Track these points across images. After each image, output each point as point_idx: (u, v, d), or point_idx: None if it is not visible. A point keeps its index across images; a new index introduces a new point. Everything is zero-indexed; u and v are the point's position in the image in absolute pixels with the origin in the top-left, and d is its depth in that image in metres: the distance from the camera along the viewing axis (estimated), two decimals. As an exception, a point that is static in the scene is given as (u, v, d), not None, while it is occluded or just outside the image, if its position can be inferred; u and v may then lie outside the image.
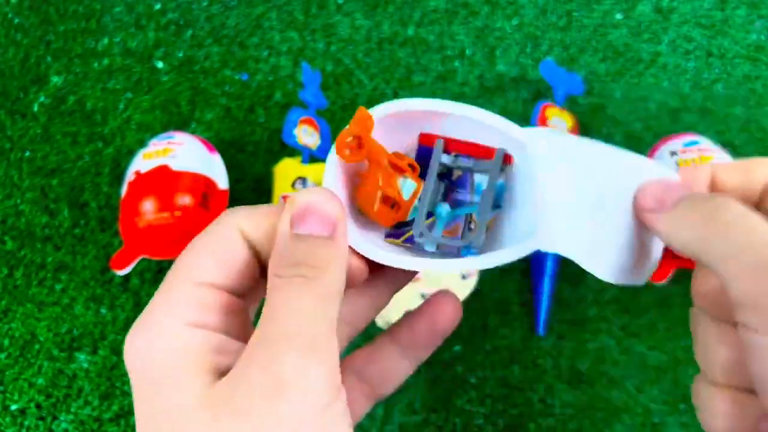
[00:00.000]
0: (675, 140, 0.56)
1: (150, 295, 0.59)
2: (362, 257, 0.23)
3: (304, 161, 0.57)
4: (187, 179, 0.53)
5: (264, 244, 0.22)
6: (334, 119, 0.63)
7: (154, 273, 0.56)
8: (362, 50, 0.67)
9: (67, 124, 0.64)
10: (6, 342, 0.55)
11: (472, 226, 0.25)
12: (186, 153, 0.55)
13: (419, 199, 0.26)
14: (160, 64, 0.67)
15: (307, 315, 0.19)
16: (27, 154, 0.63)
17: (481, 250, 0.25)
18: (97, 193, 0.61)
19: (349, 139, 0.24)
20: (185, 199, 0.53)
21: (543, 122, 0.58)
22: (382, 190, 0.25)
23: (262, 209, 0.22)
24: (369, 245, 0.23)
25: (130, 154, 0.61)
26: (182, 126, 0.63)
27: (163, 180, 0.53)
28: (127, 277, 0.56)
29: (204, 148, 0.57)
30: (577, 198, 0.23)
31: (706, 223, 0.19)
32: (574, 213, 0.23)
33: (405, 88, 0.64)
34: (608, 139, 0.62)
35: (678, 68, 0.65)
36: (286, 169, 0.57)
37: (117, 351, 0.54)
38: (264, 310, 0.20)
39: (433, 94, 0.64)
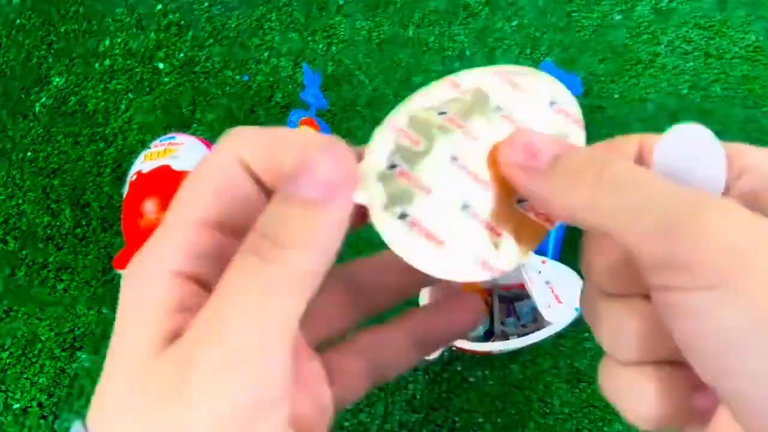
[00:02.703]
0: (673, 141, 0.56)
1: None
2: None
3: (304, 161, 0.57)
4: (188, 179, 0.54)
5: (267, 175, 0.19)
6: (335, 120, 0.63)
7: (156, 273, 0.57)
8: (362, 51, 0.67)
9: (69, 124, 0.64)
10: (8, 341, 0.55)
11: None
12: (187, 153, 0.55)
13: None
14: (161, 65, 0.67)
15: (239, 318, 0.16)
16: (29, 154, 0.63)
17: None
18: (98, 194, 0.61)
19: None
20: (186, 199, 0.53)
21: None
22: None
23: (264, 134, 0.19)
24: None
25: (132, 154, 0.61)
26: (183, 127, 0.63)
27: (165, 180, 0.53)
28: (128, 276, 0.56)
29: (205, 148, 0.57)
30: None
31: (595, 184, 0.17)
32: None
33: (405, 89, 0.65)
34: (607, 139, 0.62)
35: (677, 69, 0.66)
36: (286, 170, 0.57)
37: (118, 350, 0.54)
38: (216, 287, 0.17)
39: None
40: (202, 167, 0.19)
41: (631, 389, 0.19)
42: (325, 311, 0.23)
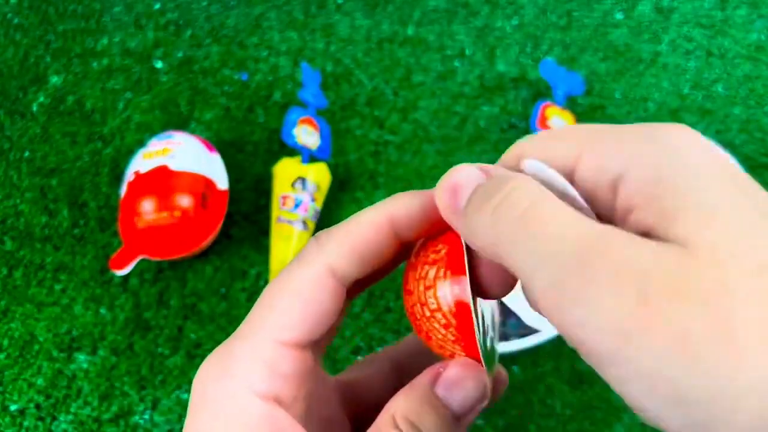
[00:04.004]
0: (675, 140, 0.55)
1: (149, 296, 0.59)
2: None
3: (303, 161, 0.57)
4: (186, 179, 0.53)
5: (353, 271, 0.20)
6: (334, 119, 0.63)
7: (154, 273, 0.56)
8: (362, 50, 0.67)
9: (67, 124, 0.64)
10: (5, 342, 0.55)
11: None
12: (185, 153, 0.55)
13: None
14: (159, 64, 0.67)
15: None
16: (26, 154, 0.63)
17: None
18: (96, 193, 0.60)
19: None
20: (184, 200, 0.53)
21: (543, 122, 0.58)
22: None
23: (351, 237, 0.20)
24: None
25: (130, 154, 0.61)
26: (182, 126, 0.63)
27: (163, 180, 0.53)
28: (126, 277, 0.56)
29: (203, 148, 0.57)
30: None
31: (495, 220, 0.17)
32: None
33: (405, 88, 0.64)
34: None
35: (678, 68, 0.65)
36: (285, 169, 0.57)
37: (116, 351, 0.54)
38: None
39: (432, 94, 0.64)
40: (291, 279, 0.20)
41: None
42: (372, 386, 0.25)
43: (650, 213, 0.15)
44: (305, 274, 0.20)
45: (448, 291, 0.19)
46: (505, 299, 0.50)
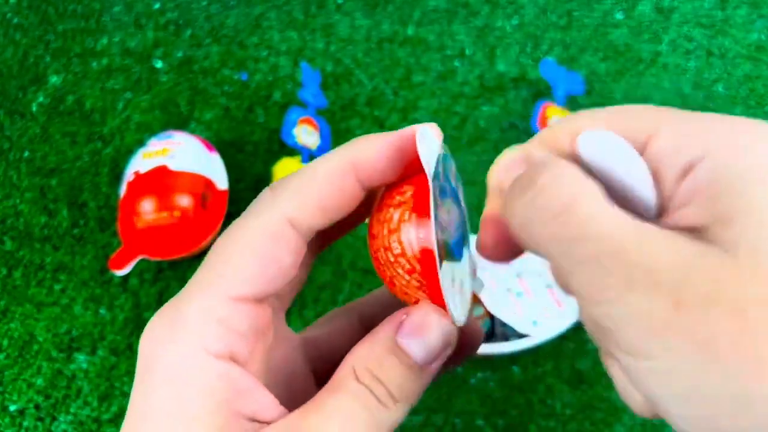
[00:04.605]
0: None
1: (149, 296, 0.58)
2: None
3: (303, 161, 0.57)
4: (186, 179, 0.53)
5: (314, 222, 0.19)
6: (334, 119, 0.63)
7: (154, 273, 0.56)
8: (362, 50, 0.67)
9: (66, 123, 0.64)
10: (5, 342, 0.55)
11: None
12: (185, 153, 0.55)
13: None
14: (159, 64, 0.67)
15: None
16: (26, 154, 0.63)
17: None
18: (96, 193, 0.60)
19: None
20: (184, 200, 0.53)
21: (543, 122, 0.58)
22: None
23: (309, 185, 0.19)
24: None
25: (129, 154, 0.60)
26: (181, 126, 0.63)
27: (162, 180, 0.53)
28: (126, 277, 0.56)
29: (203, 147, 0.57)
30: None
31: (531, 218, 0.16)
32: None
33: (405, 88, 0.64)
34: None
35: (678, 68, 0.65)
36: (285, 169, 0.57)
37: (116, 351, 0.54)
38: (320, 397, 0.18)
39: (432, 94, 0.64)
40: (244, 231, 0.19)
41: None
42: (337, 342, 0.24)
43: (706, 212, 0.15)
44: (259, 224, 0.19)
45: (413, 235, 0.18)
46: (495, 311, 0.50)
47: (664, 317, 0.14)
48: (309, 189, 0.19)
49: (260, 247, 0.18)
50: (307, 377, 0.23)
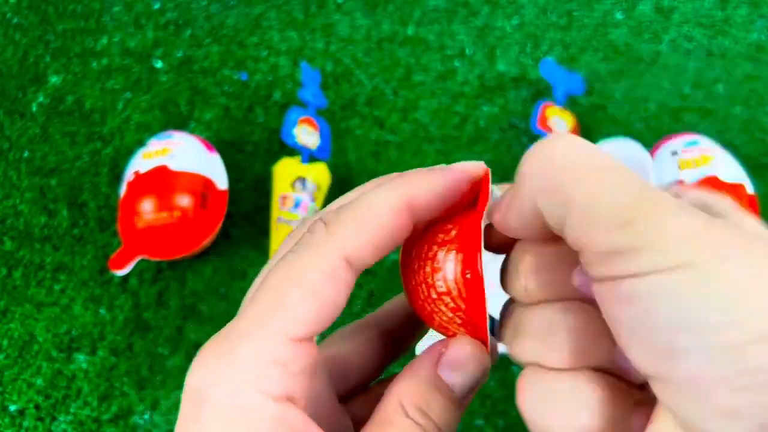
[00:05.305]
0: (676, 140, 0.55)
1: (149, 296, 0.58)
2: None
3: (303, 161, 0.57)
4: (185, 179, 0.53)
5: (368, 260, 0.19)
6: (334, 119, 0.63)
7: (153, 273, 0.56)
8: (362, 50, 0.67)
9: (66, 123, 0.64)
10: (5, 342, 0.55)
11: None
12: (185, 153, 0.55)
13: None
14: (159, 64, 0.67)
15: None
16: (26, 154, 0.63)
17: None
18: (95, 193, 0.60)
19: None
20: (184, 200, 0.53)
21: (543, 122, 0.58)
22: None
23: (366, 222, 0.18)
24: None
25: (129, 154, 0.60)
26: (181, 126, 0.63)
27: (162, 180, 0.53)
28: (125, 277, 0.56)
29: (203, 147, 0.57)
30: None
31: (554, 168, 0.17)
32: None
33: (405, 88, 0.64)
34: (609, 138, 0.62)
35: (679, 68, 0.65)
36: (285, 169, 0.57)
37: (116, 351, 0.54)
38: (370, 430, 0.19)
39: (432, 94, 0.64)
40: (301, 269, 0.18)
41: (569, 396, 0.18)
42: (359, 360, 0.24)
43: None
44: (318, 264, 0.18)
45: (460, 276, 0.19)
46: (494, 312, 0.50)
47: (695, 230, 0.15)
48: (366, 227, 0.18)
49: (319, 288, 0.18)
50: (332, 398, 0.23)
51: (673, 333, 0.14)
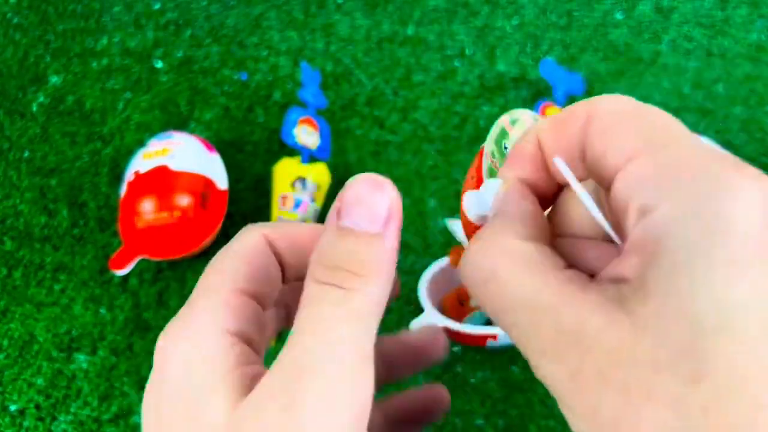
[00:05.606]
0: (675, 140, 0.55)
1: (149, 296, 0.58)
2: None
3: (303, 161, 0.57)
4: (186, 179, 0.53)
5: (288, 253, 0.21)
6: (334, 119, 0.63)
7: (154, 273, 0.56)
8: (362, 50, 0.67)
9: (66, 123, 0.64)
10: (5, 342, 0.55)
11: None
12: (185, 153, 0.55)
13: None
14: (159, 64, 0.67)
15: (337, 342, 0.17)
16: (26, 154, 0.63)
17: None
18: (96, 193, 0.60)
19: None
20: (184, 200, 0.53)
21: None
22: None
23: (289, 223, 0.22)
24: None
25: (129, 154, 0.60)
26: (181, 126, 0.63)
27: (162, 180, 0.53)
28: (126, 277, 0.56)
29: (203, 147, 0.57)
30: None
31: (466, 276, 0.18)
32: None
33: (405, 88, 0.64)
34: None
35: (678, 68, 0.65)
36: (285, 169, 0.57)
37: (116, 351, 0.54)
38: (295, 321, 0.18)
39: (432, 94, 0.64)
40: (235, 243, 0.21)
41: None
42: None
43: (638, 270, 0.15)
44: (240, 237, 0.21)
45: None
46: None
47: (566, 386, 0.15)
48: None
49: (250, 256, 0.21)
50: None
51: None
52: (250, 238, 0.21)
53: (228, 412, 0.17)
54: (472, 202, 0.20)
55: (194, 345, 0.19)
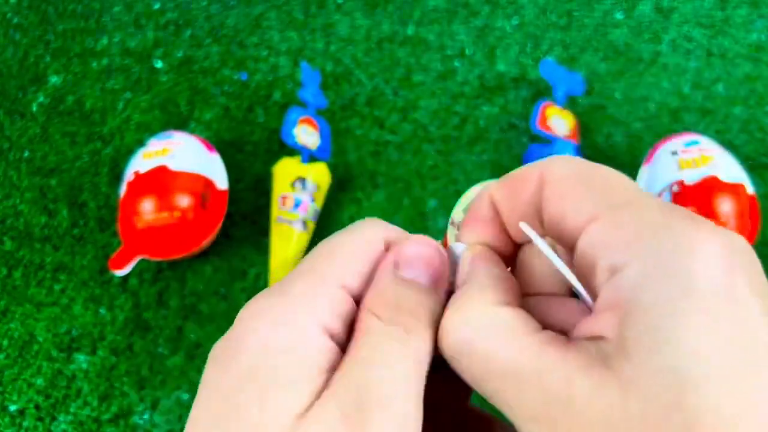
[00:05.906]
0: (675, 140, 0.55)
1: (149, 296, 0.58)
2: None
3: (303, 161, 0.57)
4: (185, 179, 0.53)
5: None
6: (334, 119, 0.63)
7: (154, 273, 0.56)
8: (362, 50, 0.67)
9: (66, 123, 0.64)
10: (5, 342, 0.55)
11: None
12: (185, 153, 0.55)
13: None
14: (159, 64, 0.67)
15: (404, 380, 0.17)
16: (26, 154, 0.63)
17: None
18: (95, 193, 0.60)
19: None
20: (184, 200, 0.53)
21: (543, 122, 0.58)
22: None
23: (394, 228, 0.21)
24: None
25: (129, 153, 0.60)
26: (181, 126, 0.63)
27: (162, 180, 0.53)
28: (125, 277, 0.56)
29: (203, 147, 0.57)
30: None
31: (442, 337, 0.19)
32: None
33: (405, 88, 0.64)
34: (608, 138, 0.62)
35: (678, 68, 0.65)
36: (285, 169, 0.57)
37: (116, 351, 0.54)
38: (353, 346, 0.18)
39: (432, 94, 0.64)
40: (357, 234, 0.20)
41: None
42: None
43: (615, 329, 0.15)
44: (358, 231, 0.20)
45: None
46: None
47: None
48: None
49: (361, 252, 0.20)
50: None
51: None
52: (372, 234, 0.20)
53: (295, 416, 0.17)
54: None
55: (290, 339, 0.18)
